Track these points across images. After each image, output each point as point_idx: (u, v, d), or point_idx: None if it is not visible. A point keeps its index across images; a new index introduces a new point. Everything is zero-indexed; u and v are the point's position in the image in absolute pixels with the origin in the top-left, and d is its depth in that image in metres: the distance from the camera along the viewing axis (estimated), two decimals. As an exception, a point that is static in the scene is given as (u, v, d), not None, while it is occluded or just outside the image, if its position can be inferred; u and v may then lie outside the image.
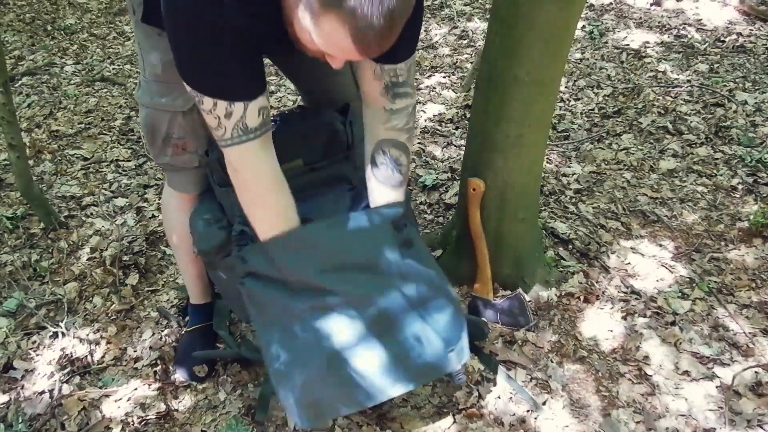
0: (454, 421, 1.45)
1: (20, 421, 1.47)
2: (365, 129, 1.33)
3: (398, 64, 1.20)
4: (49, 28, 4.15)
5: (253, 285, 1.29)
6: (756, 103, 2.84)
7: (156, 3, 1.04)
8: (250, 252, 1.29)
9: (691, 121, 2.72)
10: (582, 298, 1.79)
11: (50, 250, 2.10)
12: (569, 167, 2.47)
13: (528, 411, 1.47)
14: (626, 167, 2.46)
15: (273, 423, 1.47)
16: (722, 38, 3.55)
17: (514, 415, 1.46)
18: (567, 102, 3.02)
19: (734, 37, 3.54)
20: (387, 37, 0.90)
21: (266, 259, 1.27)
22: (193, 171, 1.42)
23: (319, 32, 0.91)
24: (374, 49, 0.92)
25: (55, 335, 1.74)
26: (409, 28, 0.94)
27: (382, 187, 1.33)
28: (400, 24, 0.90)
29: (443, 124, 2.88)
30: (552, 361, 1.60)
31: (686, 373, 1.56)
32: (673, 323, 1.71)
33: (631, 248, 2.00)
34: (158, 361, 1.64)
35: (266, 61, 1.27)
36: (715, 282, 1.85)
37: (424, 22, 4.05)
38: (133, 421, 1.47)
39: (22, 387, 1.59)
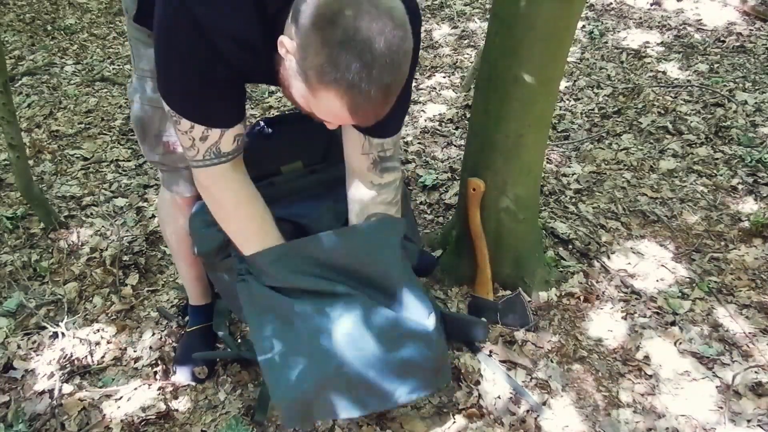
0: (454, 421, 1.45)
1: (20, 421, 1.47)
2: (351, 203, 1.34)
3: (386, 139, 1.22)
4: (49, 28, 4.15)
5: (253, 280, 1.30)
6: (756, 103, 2.84)
7: (149, 6, 1.04)
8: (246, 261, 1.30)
9: (691, 121, 2.72)
10: (582, 298, 1.79)
11: (50, 250, 2.10)
12: (569, 167, 2.47)
13: (528, 411, 1.47)
14: (626, 167, 2.46)
15: (273, 423, 1.47)
16: (722, 38, 3.55)
17: (514, 415, 1.46)
18: (567, 102, 3.02)
19: (734, 37, 3.54)
20: (382, 108, 0.93)
21: (259, 271, 1.28)
22: (186, 172, 1.41)
23: (315, 102, 0.93)
24: (370, 119, 0.95)
25: (55, 335, 1.74)
26: (399, 103, 0.97)
27: None
28: (395, 94, 0.93)
29: (443, 124, 2.88)
30: (552, 361, 1.60)
31: (686, 373, 1.56)
32: (673, 323, 1.71)
33: (631, 248, 2.00)
34: (158, 361, 1.64)
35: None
36: (715, 282, 1.85)
37: (424, 22, 4.05)
38: (133, 421, 1.47)
39: (22, 387, 1.59)
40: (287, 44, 0.91)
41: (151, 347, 1.70)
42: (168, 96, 1.08)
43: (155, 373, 1.62)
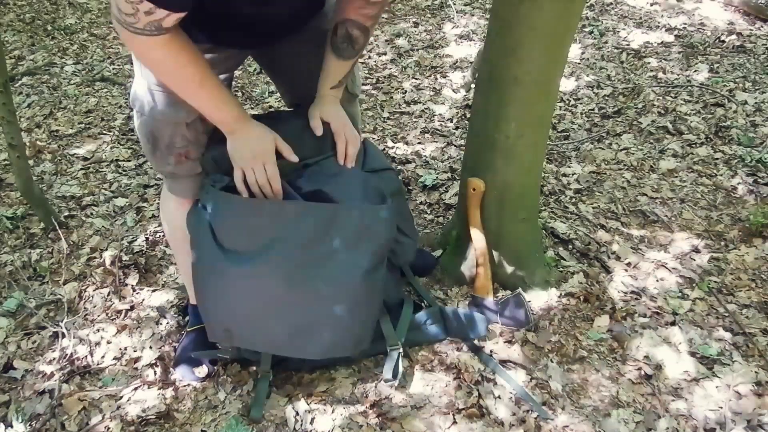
0: (454, 421, 1.45)
1: (20, 421, 1.47)
2: (336, 8, 1.37)
3: None
4: (49, 28, 4.15)
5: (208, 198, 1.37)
6: (756, 103, 2.84)
7: None
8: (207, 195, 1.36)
9: (691, 121, 2.72)
10: (582, 298, 1.79)
11: (50, 250, 2.10)
12: (569, 167, 2.47)
13: (528, 411, 1.47)
14: (626, 167, 2.46)
15: (272, 423, 1.47)
16: (722, 38, 3.54)
17: (514, 415, 1.46)
18: (567, 102, 3.02)
19: (734, 37, 3.54)
20: None
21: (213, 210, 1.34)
22: (194, 178, 1.41)
23: None
24: None
25: (55, 335, 1.74)
26: None
27: (334, 58, 1.39)
28: None
29: (443, 124, 2.88)
30: (552, 361, 1.60)
31: (686, 373, 1.56)
32: (673, 323, 1.71)
33: (631, 248, 2.00)
34: (158, 361, 1.64)
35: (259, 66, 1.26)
36: (715, 282, 1.85)
37: (424, 22, 4.05)
38: (133, 421, 1.47)
39: (22, 387, 1.59)
40: None
41: (151, 347, 1.70)
42: None
43: (155, 372, 1.62)
